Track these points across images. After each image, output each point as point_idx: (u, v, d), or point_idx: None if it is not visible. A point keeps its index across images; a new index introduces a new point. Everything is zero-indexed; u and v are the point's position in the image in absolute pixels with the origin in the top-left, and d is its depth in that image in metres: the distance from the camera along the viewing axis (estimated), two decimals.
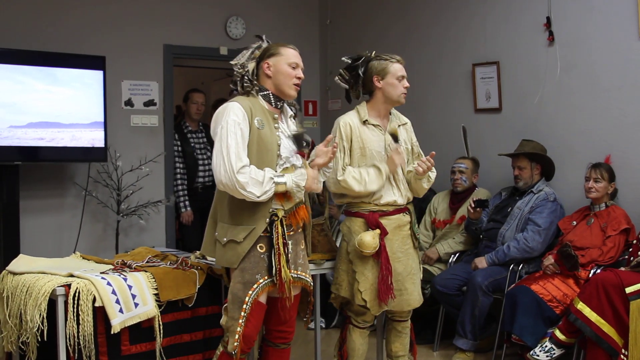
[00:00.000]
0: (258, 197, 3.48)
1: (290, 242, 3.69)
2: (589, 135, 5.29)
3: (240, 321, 3.55)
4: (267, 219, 3.59)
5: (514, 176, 5.42)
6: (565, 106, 5.44)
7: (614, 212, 4.89)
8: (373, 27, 7.07)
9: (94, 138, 6.10)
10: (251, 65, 3.72)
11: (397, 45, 6.27)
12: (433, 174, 4.32)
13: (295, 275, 3.72)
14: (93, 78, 6.11)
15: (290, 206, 3.68)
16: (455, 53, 6.28)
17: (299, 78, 3.73)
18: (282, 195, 3.62)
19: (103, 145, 6.14)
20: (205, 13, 6.98)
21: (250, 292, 3.57)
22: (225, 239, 3.61)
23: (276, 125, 3.69)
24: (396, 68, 4.21)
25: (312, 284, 3.88)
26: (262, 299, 3.63)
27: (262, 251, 3.60)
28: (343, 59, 4.39)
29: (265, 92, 3.71)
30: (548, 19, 5.47)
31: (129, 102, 6.62)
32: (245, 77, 3.68)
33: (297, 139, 3.72)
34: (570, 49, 5.38)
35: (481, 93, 6.04)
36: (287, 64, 3.70)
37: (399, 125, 4.33)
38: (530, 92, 5.64)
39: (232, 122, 3.51)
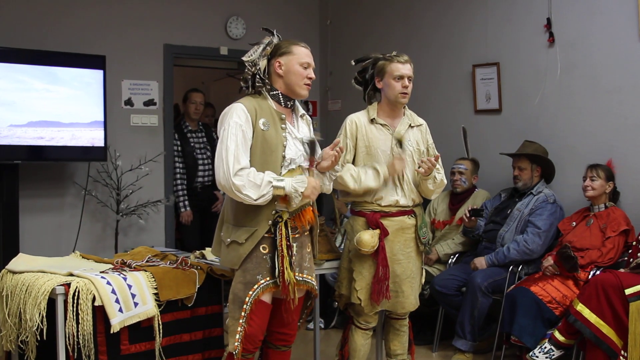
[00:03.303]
0: (255, 200, 3.45)
1: (295, 245, 3.64)
2: (590, 137, 5.29)
3: (241, 321, 3.53)
4: (270, 221, 3.55)
5: (513, 176, 5.42)
6: (565, 107, 5.44)
7: (613, 213, 4.89)
8: (373, 28, 7.07)
9: (94, 137, 6.09)
10: (262, 63, 3.63)
11: (397, 45, 6.23)
12: (440, 176, 4.24)
13: (301, 279, 3.67)
14: (93, 77, 6.11)
15: (295, 208, 3.62)
16: (456, 54, 6.28)
17: (310, 78, 3.67)
18: (285, 198, 3.56)
19: (103, 145, 6.14)
20: (205, 13, 6.98)
21: (250, 292, 3.54)
22: (228, 240, 3.59)
23: (283, 125, 3.62)
24: (393, 68, 4.16)
25: (317, 287, 3.82)
26: (266, 298, 3.60)
27: (265, 252, 3.57)
28: (352, 62, 4.38)
29: (274, 92, 3.65)
30: (548, 20, 5.47)
31: (129, 102, 6.62)
32: (257, 76, 3.61)
33: (310, 145, 3.67)
34: (570, 50, 5.39)
35: (481, 94, 6.04)
36: (299, 63, 3.63)
37: (412, 127, 4.29)
38: (531, 93, 5.64)
39: (233, 124, 3.49)
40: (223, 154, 3.46)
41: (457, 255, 5.68)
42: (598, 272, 4.67)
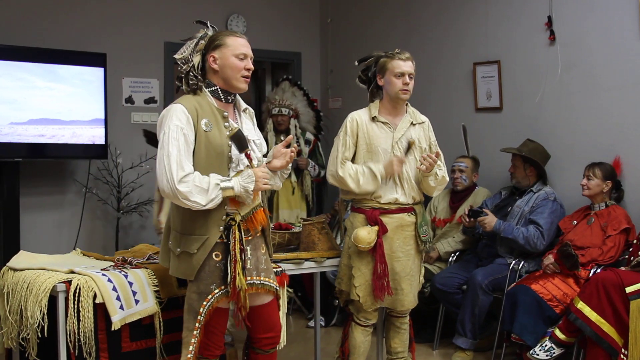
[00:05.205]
0: (204, 205, 3.27)
1: (248, 248, 3.48)
2: (590, 135, 5.28)
3: (195, 332, 3.42)
4: (222, 227, 3.38)
5: (510, 172, 5.43)
6: (565, 106, 5.44)
7: (614, 211, 4.89)
8: (374, 26, 7.08)
9: (95, 135, 6.11)
10: (196, 59, 3.46)
11: (397, 43, 6.24)
12: (441, 172, 4.24)
13: (259, 282, 3.51)
14: (94, 75, 6.12)
15: (247, 211, 3.46)
16: (456, 52, 6.28)
17: (248, 70, 3.44)
18: (237, 200, 3.40)
19: (103, 143, 6.15)
20: (206, 11, 6.98)
21: (204, 302, 3.39)
22: (178, 250, 3.41)
23: (226, 124, 3.42)
24: (394, 65, 4.17)
25: (277, 288, 3.64)
26: (223, 305, 3.46)
27: (217, 259, 3.39)
28: (356, 62, 4.39)
29: (213, 88, 3.45)
30: (549, 18, 5.47)
31: (129, 100, 6.63)
32: (191, 73, 3.43)
33: (235, 139, 3.42)
34: (571, 49, 5.38)
35: (482, 92, 6.04)
36: (234, 55, 3.41)
37: (414, 124, 4.30)
38: (531, 92, 5.64)
39: (174, 127, 3.28)
40: (165, 161, 3.24)
41: (457, 253, 5.68)
42: (599, 271, 4.67)
